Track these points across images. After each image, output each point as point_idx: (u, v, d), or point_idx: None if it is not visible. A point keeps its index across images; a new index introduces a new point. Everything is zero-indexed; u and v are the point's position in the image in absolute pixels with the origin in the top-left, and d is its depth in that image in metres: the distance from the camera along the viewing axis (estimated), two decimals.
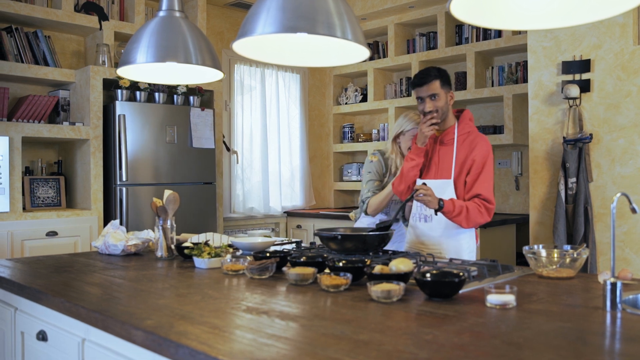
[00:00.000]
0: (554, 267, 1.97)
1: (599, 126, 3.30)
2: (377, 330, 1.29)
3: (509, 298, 1.52)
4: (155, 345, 1.28)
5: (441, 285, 1.62)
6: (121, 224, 4.03)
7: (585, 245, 2.01)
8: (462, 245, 2.54)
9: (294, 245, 2.77)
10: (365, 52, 1.98)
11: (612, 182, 3.25)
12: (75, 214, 3.95)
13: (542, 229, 3.53)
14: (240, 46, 1.96)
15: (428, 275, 1.69)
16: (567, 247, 2.01)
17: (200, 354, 1.15)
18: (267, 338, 1.24)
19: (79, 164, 4.15)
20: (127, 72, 2.60)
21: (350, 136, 6.07)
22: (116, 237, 2.70)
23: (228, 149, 5.25)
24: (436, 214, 2.40)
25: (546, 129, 3.52)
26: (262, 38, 2.00)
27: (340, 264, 1.93)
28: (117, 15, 4.51)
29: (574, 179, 3.24)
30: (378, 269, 1.79)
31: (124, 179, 4.04)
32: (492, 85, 4.83)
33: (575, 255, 1.96)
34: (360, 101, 5.92)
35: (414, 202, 2.65)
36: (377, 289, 1.59)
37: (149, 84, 4.29)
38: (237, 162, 5.44)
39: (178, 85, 4.44)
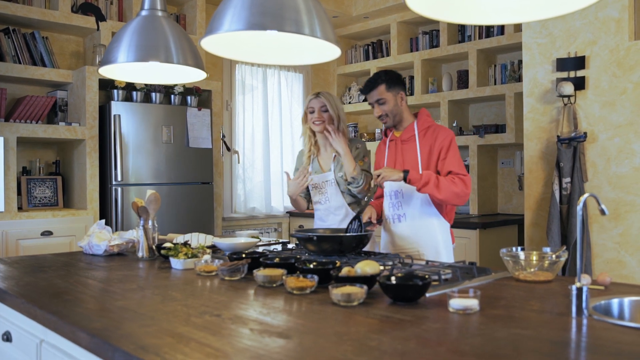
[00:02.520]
0: (532, 270, 1.90)
1: (594, 124, 3.21)
2: (323, 336, 1.25)
3: (472, 303, 1.47)
4: (97, 348, 1.26)
5: (404, 289, 1.58)
6: (116, 224, 4.05)
7: (564, 247, 1.94)
8: (438, 242, 2.53)
9: (279, 246, 2.74)
10: (336, 51, 1.94)
11: (608, 182, 3.16)
12: (70, 213, 3.97)
13: (537, 230, 3.45)
14: (209, 43, 1.93)
15: (392, 278, 1.64)
16: (547, 249, 1.95)
17: (134, 358, 1.12)
18: (206, 343, 1.20)
19: (76, 164, 4.17)
20: (109, 72, 2.59)
21: (354, 135, 6.02)
22: (100, 237, 2.69)
23: (229, 149, 5.24)
24: (406, 181, 2.40)
25: (541, 128, 3.44)
26: (232, 36, 1.97)
27: (311, 266, 1.89)
28: (115, 16, 4.52)
29: (568, 179, 3.16)
30: (345, 271, 1.74)
31: (119, 179, 4.05)
32: (495, 84, 4.75)
33: (554, 258, 1.89)
34: (364, 100, 5.87)
35: (386, 203, 2.63)
36: (337, 292, 1.55)
37: (146, 84, 4.30)
38: (239, 162, 5.43)
39: (175, 85, 4.44)
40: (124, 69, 2.62)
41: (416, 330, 1.29)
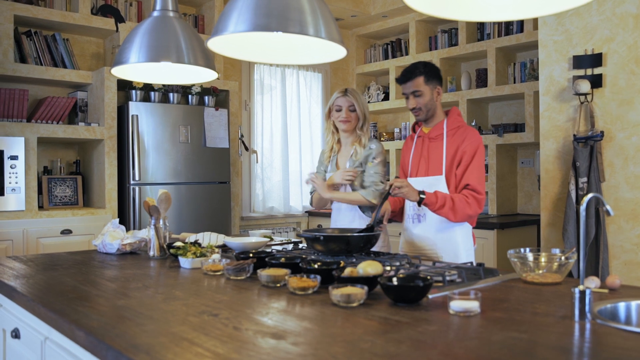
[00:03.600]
0: (540, 272, 1.87)
1: (611, 123, 3.13)
2: (317, 337, 1.25)
3: (472, 305, 1.44)
4: (92, 347, 1.27)
5: (405, 290, 1.56)
6: (133, 223, 4.10)
7: (574, 249, 1.90)
8: (458, 245, 2.45)
9: (291, 245, 2.75)
10: (342, 51, 1.93)
11: (625, 182, 3.07)
12: (89, 212, 4.03)
13: (553, 231, 3.38)
14: (215, 44, 1.94)
15: (394, 279, 1.63)
16: (556, 250, 1.90)
17: (124, 358, 1.13)
18: (198, 343, 1.21)
19: (95, 163, 4.24)
20: (121, 72, 2.62)
21: (373, 135, 5.99)
22: (114, 236, 2.72)
23: (247, 149, 5.26)
24: (419, 206, 2.34)
25: (557, 127, 3.37)
26: (239, 36, 1.98)
27: (316, 266, 1.88)
28: (135, 17, 4.58)
29: (585, 179, 3.09)
30: (347, 271, 1.73)
31: (136, 178, 4.10)
32: (514, 82, 4.68)
33: (562, 260, 1.85)
34: (383, 100, 5.84)
35: (406, 202, 2.59)
36: (337, 293, 1.54)
37: (163, 85, 4.35)
38: (257, 162, 5.45)
39: (192, 85, 4.48)
40: (136, 69, 2.65)
41: (411, 333, 1.27)
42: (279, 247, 2.66)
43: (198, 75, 2.70)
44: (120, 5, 4.52)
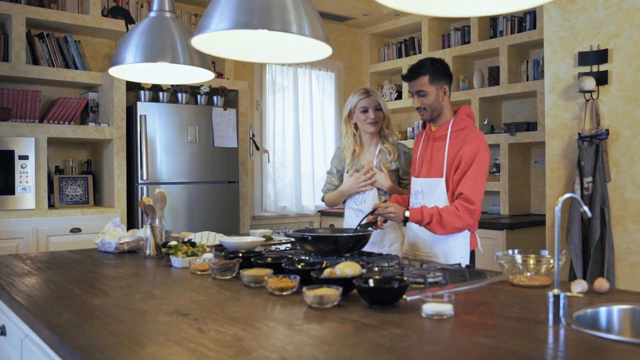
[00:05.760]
0: (529, 274, 1.82)
1: (617, 121, 3.03)
2: (276, 339, 1.23)
3: (445, 308, 1.41)
4: (54, 345, 1.28)
5: (380, 292, 1.53)
6: (141, 222, 4.14)
7: (563, 251, 1.84)
8: (451, 249, 2.40)
9: (288, 245, 2.73)
10: (327, 49, 1.91)
11: (632, 182, 2.97)
12: (98, 211, 4.09)
13: None
14: (200, 43, 1.94)
15: (370, 280, 1.60)
16: (545, 252, 1.86)
17: (76, 356, 1.13)
18: (155, 344, 1.20)
19: (105, 163, 4.30)
20: (118, 72, 2.64)
21: None
22: (113, 235, 2.75)
23: (258, 148, 5.27)
24: (404, 225, 2.30)
25: (563, 125, 3.28)
26: (224, 34, 1.97)
27: (299, 266, 1.87)
28: None
29: (590, 179, 3.00)
30: (326, 272, 1.71)
31: (144, 177, 4.14)
32: (527, 80, 4.59)
33: (551, 262, 1.80)
34: (396, 99, 5.80)
35: (410, 202, 2.55)
36: (310, 294, 1.52)
37: (172, 85, 4.38)
38: (269, 161, 5.46)
39: (201, 85, 4.50)
40: (133, 69, 2.67)
41: (374, 336, 1.25)
42: (278, 247, 2.65)
43: (193, 76, 2.70)
44: (131, 7, 4.57)
